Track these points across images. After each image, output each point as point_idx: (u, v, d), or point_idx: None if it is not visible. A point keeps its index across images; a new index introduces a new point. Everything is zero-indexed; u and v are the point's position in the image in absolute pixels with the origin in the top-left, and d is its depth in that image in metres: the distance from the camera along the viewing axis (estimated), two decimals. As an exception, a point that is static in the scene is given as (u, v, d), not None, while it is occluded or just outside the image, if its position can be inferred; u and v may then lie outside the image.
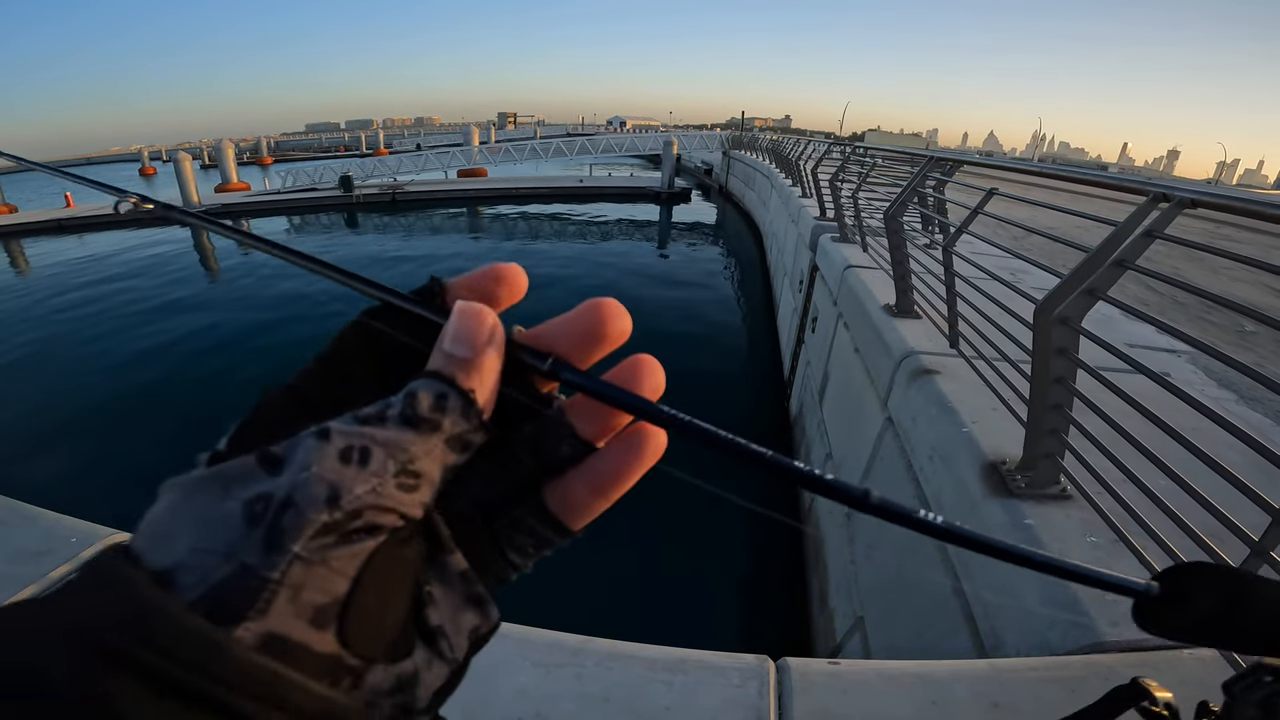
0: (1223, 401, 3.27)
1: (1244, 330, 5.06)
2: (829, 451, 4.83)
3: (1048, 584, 1.79)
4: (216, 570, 0.19)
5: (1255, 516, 1.28)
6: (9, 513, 1.81)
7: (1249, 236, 10.89)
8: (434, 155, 31.25)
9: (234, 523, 0.20)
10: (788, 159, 14.45)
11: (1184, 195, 1.65)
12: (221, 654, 0.18)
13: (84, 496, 5.57)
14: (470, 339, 0.24)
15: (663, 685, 1.33)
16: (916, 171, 4.24)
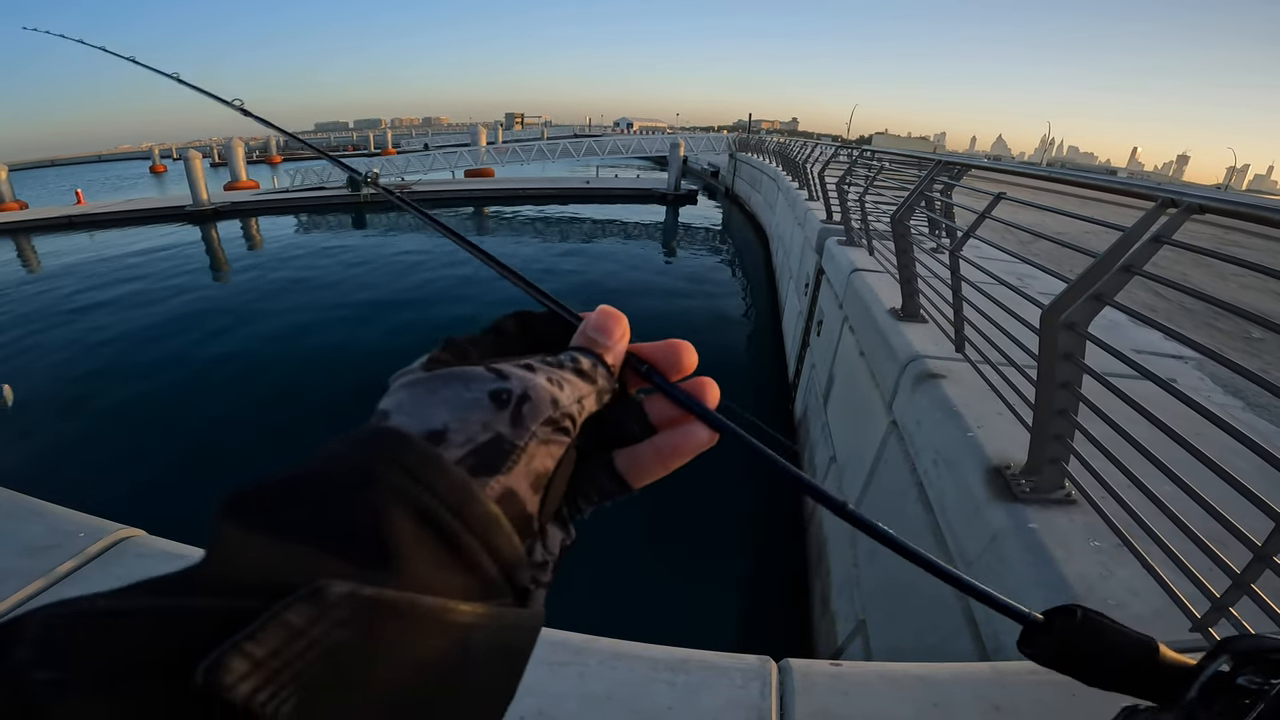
0: (1229, 408, 3.25)
1: (1251, 337, 5.04)
2: (833, 455, 4.82)
3: (1049, 588, 1.79)
4: (479, 435, 0.26)
5: (1260, 522, 1.28)
6: (16, 507, 1.82)
7: (1259, 243, 10.83)
8: (441, 155, 31.34)
9: (485, 405, 0.27)
10: (794, 161, 14.44)
11: (1192, 200, 1.64)
12: (473, 500, 0.24)
13: (89, 494, 5.61)
14: (609, 331, 0.34)
15: (665, 685, 1.33)
16: (924, 175, 4.23)
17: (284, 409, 7.89)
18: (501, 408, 0.27)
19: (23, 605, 1.46)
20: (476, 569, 0.24)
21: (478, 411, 0.27)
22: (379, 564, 0.22)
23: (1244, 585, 1.32)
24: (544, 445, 0.27)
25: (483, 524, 0.24)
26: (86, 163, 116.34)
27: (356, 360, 9.36)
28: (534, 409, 0.27)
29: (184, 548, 1.71)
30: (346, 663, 0.19)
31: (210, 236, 19.09)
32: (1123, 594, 1.74)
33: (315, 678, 0.19)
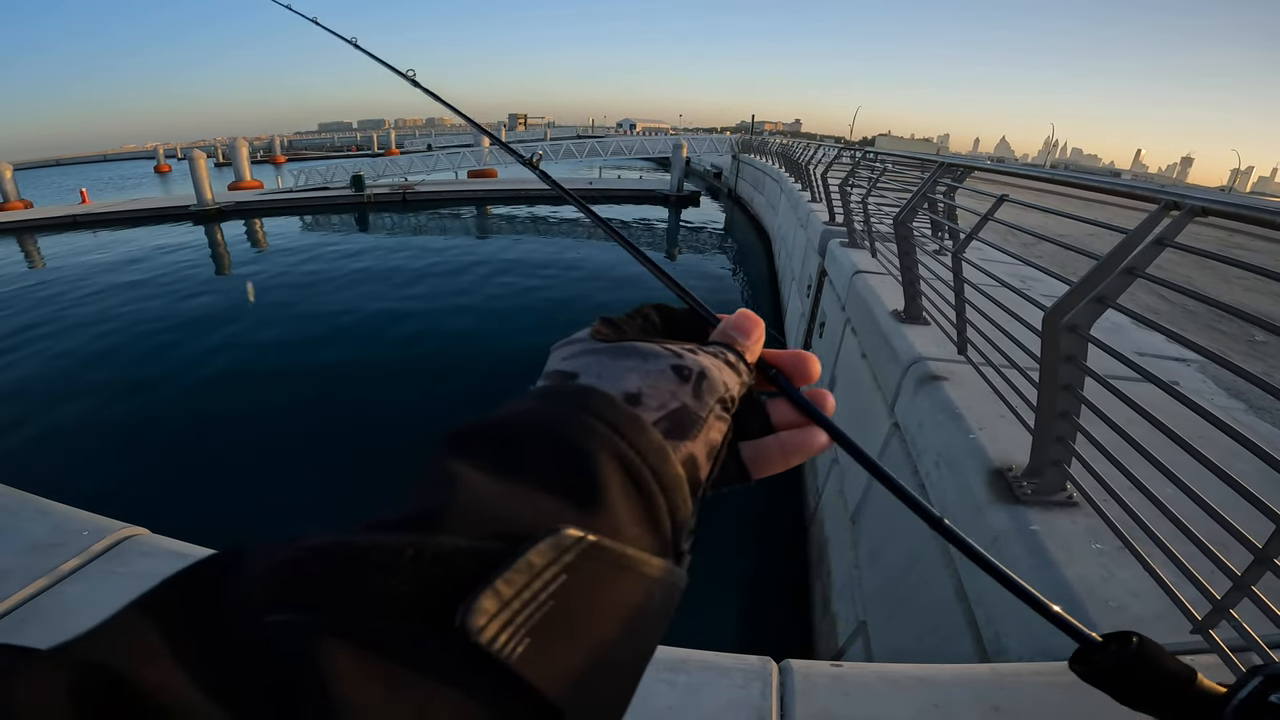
0: (1232, 411, 3.25)
1: (1254, 340, 5.03)
2: (834, 456, 4.82)
3: (1051, 589, 1.79)
4: (670, 401, 0.28)
5: (1261, 524, 1.28)
6: (21, 505, 1.83)
7: (1262, 245, 10.81)
8: (445, 156, 31.40)
9: (670, 377, 0.29)
10: (797, 163, 14.43)
11: (1195, 203, 1.64)
12: (668, 461, 0.26)
13: (91, 493, 5.63)
14: (748, 333, 0.35)
15: (665, 685, 1.33)
16: (927, 177, 4.23)
17: (285, 410, 7.90)
18: (684, 381, 0.29)
19: (26, 603, 1.46)
20: (660, 529, 0.25)
21: (665, 381, 0.29)
22: (592, 512, 0.23)
23: (1245, 587, 1.31)
24: (717, 420, 0.30)
25: (672, 485, 0.26)
26: (91, 162, 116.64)
27: (359, 361, 9.38)
28: (711, 386, 0.30)
29: (187, 546, 1.72)
30: (569, 607, 0.21)
31: (214, 237, 19.12)
32: (1124, 596, 1.73)
33: (544, 620, 0.20)
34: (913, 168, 6.43)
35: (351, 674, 0.17)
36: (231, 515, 5.68)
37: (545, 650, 0.20)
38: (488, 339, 10.08)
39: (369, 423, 7.50)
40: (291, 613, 0.18)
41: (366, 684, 0.17)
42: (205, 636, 0.18)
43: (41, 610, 1.45)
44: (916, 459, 2.96)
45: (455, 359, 9.32)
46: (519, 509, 0.22)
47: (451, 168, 30.41)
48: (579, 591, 0.21)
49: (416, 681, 0.18)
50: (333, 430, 7.39)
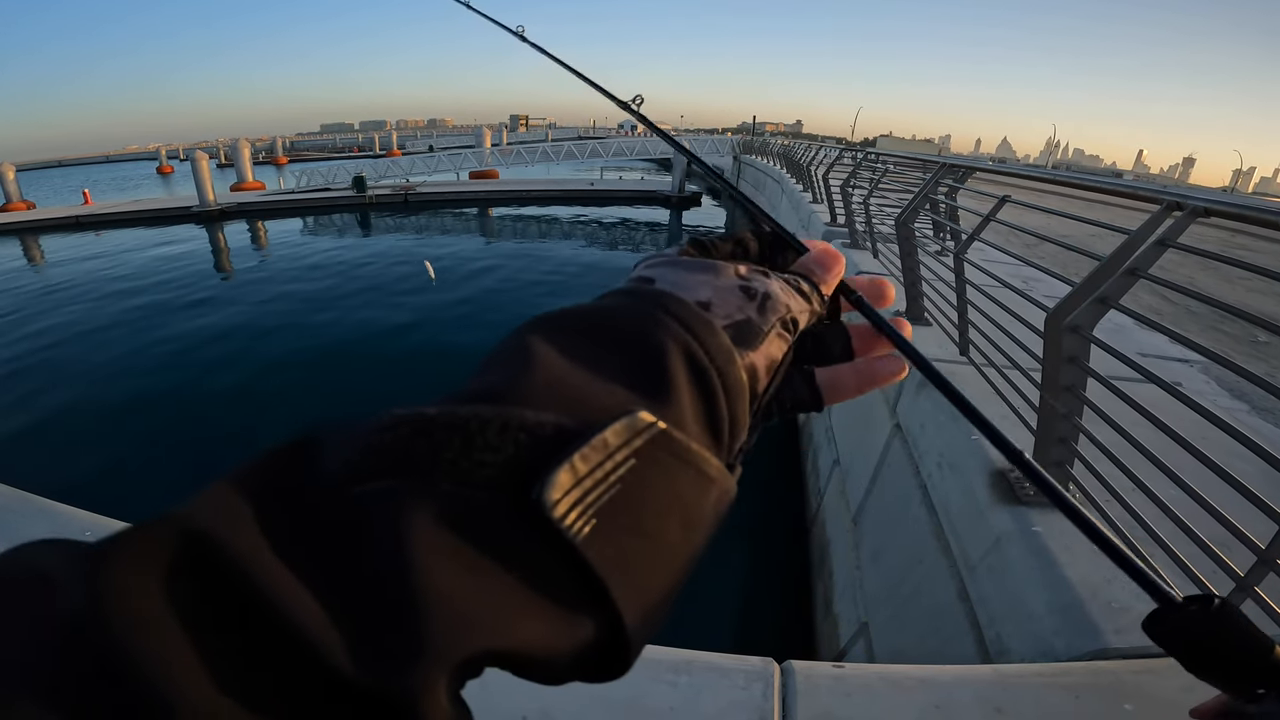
0: (1235, 412, 3.25)
1: (1257, 340, 5.03)
2: (836, 458, 4.82)
3: (1053, 591, 1.79)
4: (736, 314, 0.29)
5: (1263, 525, 1.27)
6: (23, 505, 1.83)
7: (1265, 246, 10.80)
8: (446, 157, 31.42)
9: (738, 293, 0.30)
10: (798, 164, 14.44)
11: (1198, 204, 1.64)
12: (734, 364, 0.27)
13: (91, 493, 5.63)
14: (828, 266, 0.36)
15: (668, 686, 1.33)
16: (929, 178, 4.23)
17: (285, 413, 7.91)
18: (750, 298, 0.30)
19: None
20: (720, 433, 0.26)
21: (733, 296, 0.30)
22: (662, 402, 0.24)
23: (1247, 588, 1.31)
24: (779, 338, 0.31)
25: (735, 389, 0.27)
26: (94, 163, 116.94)
27: (360, 365, 9.38)
28: (774, 305, 0.31)
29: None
30: (634, 493, 0.21)
31: (216, 237, 19.15)
32: (1127, 597, 1.73)
33: (610, 503, 0.20)
34: (914, 168, 6.43)
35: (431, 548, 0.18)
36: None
37: (608, 534, 0.20)
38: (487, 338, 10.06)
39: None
40: (377, 481, 0.19)
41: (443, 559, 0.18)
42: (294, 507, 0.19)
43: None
44: (919, 460, 2.96)
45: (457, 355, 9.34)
46: (594, 391, 0.23)
47: (453, 169, 30.44)
48: (645, 478, 0.21)
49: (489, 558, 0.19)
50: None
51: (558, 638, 0.20)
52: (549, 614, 0.20)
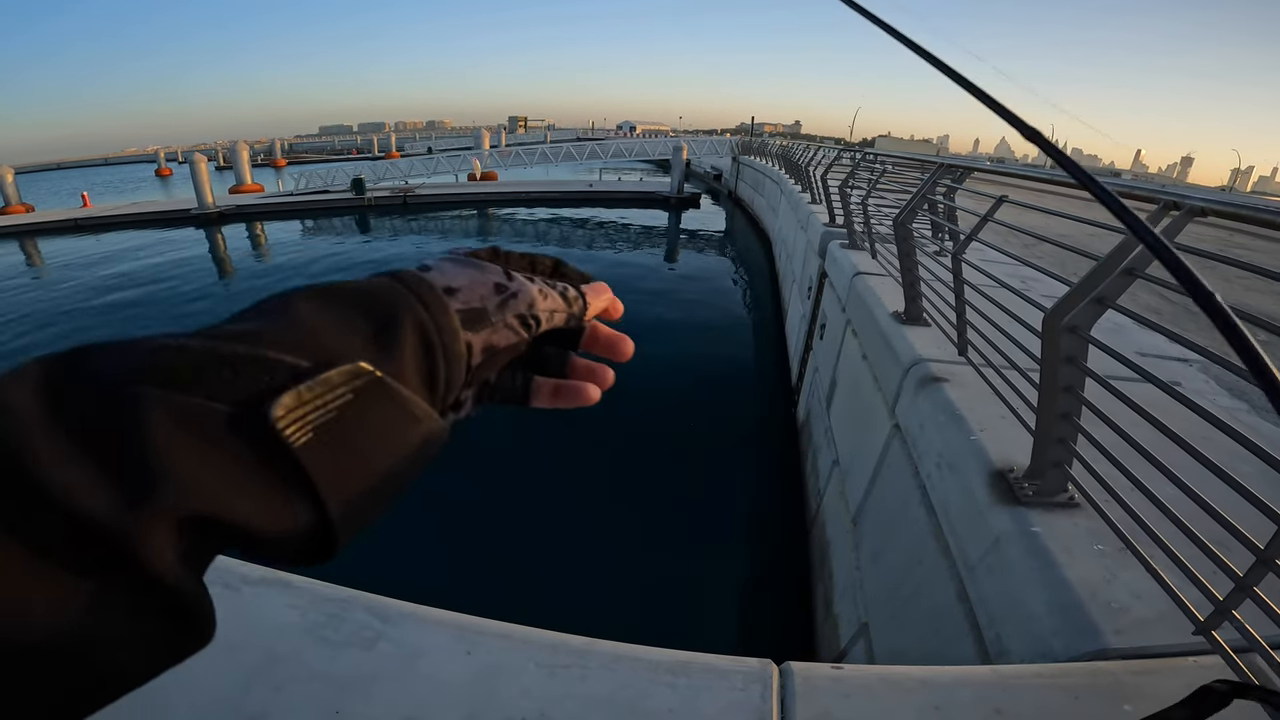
0: (1234, 411, 3.25)
1: (1256, 340, 5.03)
2: (836, 458, 4.82)
3: (1052, 591, 1.79)
4: (475, 302, 0.36)
5: (1262, 525, 1.27)
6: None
7: (1264, 245, 10.80)
8: (445, 159, 31.44)
9: (489, 288, 0.38)
10: (797, 165, 14.44)
11: (1194, 203, 1.64)
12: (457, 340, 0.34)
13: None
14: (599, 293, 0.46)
15: (666, 687, 1.33)
16: (927, 178, 4.23)
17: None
18: (498, 294, 0.38)
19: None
20: (436, 389, 0.33)
21: (482, 289, 0.37)
22: (388, 358, 0.30)
23: (1247, 588, 1.31)
24: (508, 329, 0.38)
25: (453, 358, 0.34)
26: (93, 165, 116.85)
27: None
28: (515, 305, 0.38)
29: (188, 550, 1.71)
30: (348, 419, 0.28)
31: (215, 240, 19.15)
32: (1126, 597, 1.73)
33: (326, 424, 0.27)
34: (912, 169, 6.43)
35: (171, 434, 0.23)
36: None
37: (321, 444, 0.27)
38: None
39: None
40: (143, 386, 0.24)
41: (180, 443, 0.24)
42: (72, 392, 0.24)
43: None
44: (918, 461, 2.96)
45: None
46: (332, 344, 0.29)
47: (452, 171, 30.47)
48: (358, 410, 0.28)
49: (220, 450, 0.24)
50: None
51: (275, 520, 0.26)
52: (267, 499, 0.26)
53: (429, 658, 1.39)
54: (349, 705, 1.27)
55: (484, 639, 1.45)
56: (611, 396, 0.49)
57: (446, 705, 1.28)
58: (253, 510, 0.25)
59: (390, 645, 1.42)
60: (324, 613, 1.50)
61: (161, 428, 0.23)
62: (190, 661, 0.29)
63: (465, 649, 1.42)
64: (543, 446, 7.02)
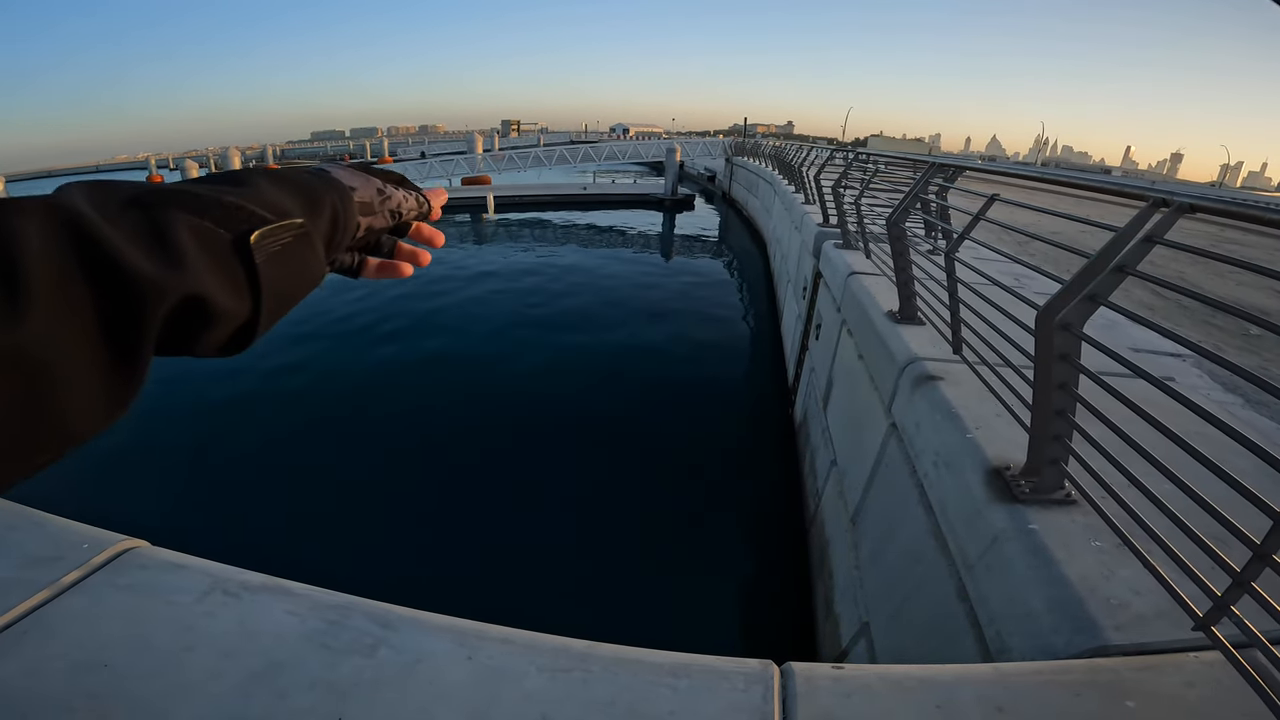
0: (1228, 405, 3.26)
1: (1249, 334, 5.05)
2: (834, 458, 4.83)
3: (1051, 588, 1.80)
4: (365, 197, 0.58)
5: (1259, 520, 1.28)
6: (20, 519, 1.82)
7: (1255, 240, 10.87)
8: (438, 163, 31.39)
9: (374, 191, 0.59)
10: (790, 165, 14.48)
11: (1183, 200, 1.65)
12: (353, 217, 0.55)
13: (88, 505, 5.59)
14: (436, 199, 0.70)
15: (668, 689, 1.33)
16: (919, 178, 4.25)
17: (281, 420, 7.88)
18: (379, 194, 0.60)
19: (29, 615, 1.46)
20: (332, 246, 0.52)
21: (369, 189, 0.59)
22: (314, 220, 0.48)
23: (1245, 584, 1.32)
24: (382, 218, 0.60)
25: (349, 230, 0.54)
26: (84, 172, 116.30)
27: (355, 373, 9.36)
28: (389, 203, 0.61)
29: (186, 557, 1.71)
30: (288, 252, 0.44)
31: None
32: (1125, 594, 1.74)
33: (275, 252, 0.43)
34: (905, 168, 6.44)
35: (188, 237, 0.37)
36: (234, 529, 5.66)
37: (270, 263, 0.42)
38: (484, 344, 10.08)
39: (368, 430, 7.49)
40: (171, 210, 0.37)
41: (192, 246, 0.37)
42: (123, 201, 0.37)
43: (44, 622, 1.45)
44: (915, 459, 2.97)
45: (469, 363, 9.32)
46: (284, 205, 0.45)
47: (445, 175, 30.42)
48: (293, 249, 0.45)
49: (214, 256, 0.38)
50: (326, 440, 7.37)
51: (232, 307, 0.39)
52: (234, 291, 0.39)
53: (430, 663, 1.39)
54: (351, 712, 1.27)
55: (485, 643, 1.45)
56: (610, 396, 0.50)
57: (448, 710, 1.28)
58: (224, 299, 0.38)
59: (391, 651, 1.42)
60: (324, 619, 1.50)
61: (186, 235, 0.37)
62: (192, 669, 0.30)
63: (466, 654, 1.42)
64: (541, 448, 7.02)
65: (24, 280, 0.29)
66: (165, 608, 1.53)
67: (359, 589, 1.62)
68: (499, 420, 7.73)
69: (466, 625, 1.52)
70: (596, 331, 10.75)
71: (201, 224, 0.38)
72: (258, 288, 0.41)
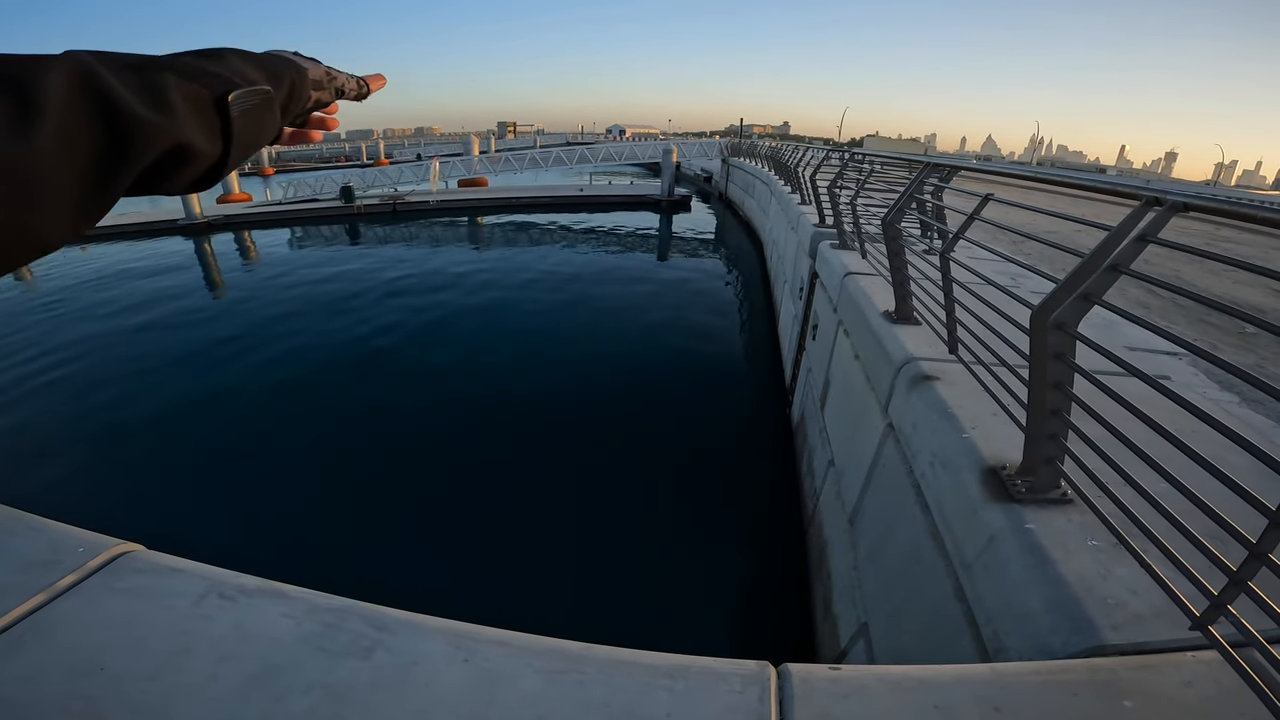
0: (1224, 403, 3.27)
1: (1245, 332, 5.07)
2: (831, 459, 4.83)
3: (1049, 588, 1.80)
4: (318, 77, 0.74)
5: (1255, 519, 1.28)
6: (16, 523, 1.81)
7: (1250, 238, 10.90)
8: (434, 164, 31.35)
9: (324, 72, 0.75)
10: (786, 166, 14.50)
11: (1176, 199, 1.65)
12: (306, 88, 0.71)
13: (86, 509, 5.58)
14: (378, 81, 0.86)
15: (664, 691, 1.33)
16: (914, 178, 4.25)
17: (277, 424, 7.87)
18: (328, 75, 0.75)
19: (25, 619, 1.46)
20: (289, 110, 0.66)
21: (320, 72, 0.73)
22: (276, 87, 0.61)
23: (1242, 583, 1.32)
24: (328, 93, 0.75)
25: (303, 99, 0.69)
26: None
27: (350, 373, 9.35)
28: (335, 82, 0.76)
29: (181, 561, 1.71)
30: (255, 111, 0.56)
31: (204, 250, 19.05)
32: (1122, 593, 1.74)
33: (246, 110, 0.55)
34: (900, 168, 6.46)
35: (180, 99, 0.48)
36: (224, 532, 5.65)
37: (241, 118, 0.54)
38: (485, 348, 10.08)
39: (364, 432, 7.48)
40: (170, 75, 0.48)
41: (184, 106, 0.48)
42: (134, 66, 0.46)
43: (41, 626, 1.44)
44: (912, 459, 2.97)
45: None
46: (253, 76, 0.57)
47: (442, 177, 30.40)
48: (259, 109, 0.57)
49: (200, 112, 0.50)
50: (322, 444, 7.35)
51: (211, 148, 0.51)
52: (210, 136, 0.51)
53: (426, 665, 1.39)
54: (347, 714, 1.27)
55: (481, 646, 1.45)
56: (606, 397, 0.50)
57: (445, 712, 1.27)
58: (203, 143, 0.50)
59: (388, 654, 1.42)
60: (320, 622, 1.50)
61: (177, 94, 0.47)
62: (188, 672, 0.30)
63: (463, 656, 1.41)
64: (536, 448, 7.01)
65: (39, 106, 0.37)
66: (161, 611, 1.52)
67: (354, 592, 1.62)
68: (494, 421, 7.72)
69: (462, 628, 1.51)
70: (592, 332, 10.75)
71: (190, 86, 0.49)
72: (229, 136, 0.53)
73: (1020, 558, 1.93)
